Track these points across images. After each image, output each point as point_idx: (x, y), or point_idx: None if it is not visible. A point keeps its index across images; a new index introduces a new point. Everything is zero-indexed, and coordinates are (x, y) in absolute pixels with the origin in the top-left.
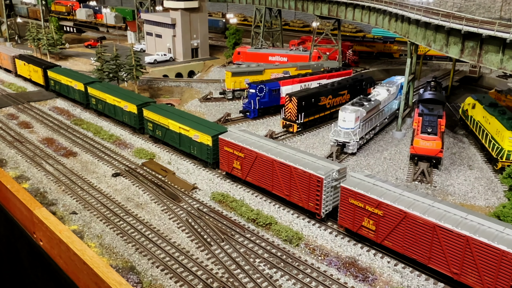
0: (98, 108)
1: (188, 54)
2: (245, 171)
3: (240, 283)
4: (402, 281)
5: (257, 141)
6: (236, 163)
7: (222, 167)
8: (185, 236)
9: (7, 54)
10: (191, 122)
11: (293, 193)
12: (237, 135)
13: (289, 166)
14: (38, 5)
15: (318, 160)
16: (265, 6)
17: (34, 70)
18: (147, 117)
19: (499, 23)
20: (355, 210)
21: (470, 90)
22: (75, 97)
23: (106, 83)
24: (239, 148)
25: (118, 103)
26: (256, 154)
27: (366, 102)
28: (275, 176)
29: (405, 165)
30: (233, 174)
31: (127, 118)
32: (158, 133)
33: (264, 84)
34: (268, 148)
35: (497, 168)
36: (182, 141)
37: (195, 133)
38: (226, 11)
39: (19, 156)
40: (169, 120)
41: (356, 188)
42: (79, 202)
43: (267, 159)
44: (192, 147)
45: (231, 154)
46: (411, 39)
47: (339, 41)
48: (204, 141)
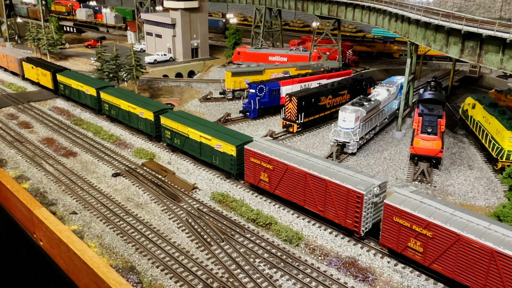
0: (111, 114)
1: (188, 54)
2: (273, 184)
3: (240, 283)
4: (402, 281)
5: (286, 152)
6: (264, 175)
7: (247, 179)
8: (185, 236)
9: (14, 56)
10: (213, 130)
11: (328, 209)
12: (264, 145)
13: (324, 180)
14: (38, 5)
15: (356, 173)
16: (265, 6)
17: (42, 73)
18: (164, 125)
19: (499, 23)
20: (400, 229)
21: (470, 90)
22: (86, 102)
23: (120, 88)
24: (267, 159)
25: (133, 109)
26: (286, 166)
27: (366, 102)
28: (308, 190)
29: (405, 165)
30: (259, 186)
31: (142, 125)
32: (177, 141)
33: (264, 84)
34: (299, 159)
35: (497, 168)
36: (203, 151)
37: (217, 143)
38: (226, 11)
39: (19, 156)
40: (189, 128)
41: (402, 206)
42: (79, 202)
43: (299, 172)
44: (214, 157)
45: (258, 165)
46: (411, 39)
47: (339, 41)
48: (228, 151)
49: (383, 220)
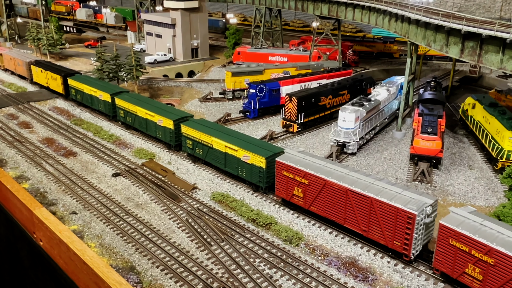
0: (127, 121)
1: (188, 54)
2: (308, 200)
3: (240, 283)
4: (402, 281)
5: (323, 165)
6: (297, 190)
7: (278, 194)
8: (185, 236)
9: (21, 60)
10: (239, 140)
11: (372, 229)
12: (297, 158)
13: (369, 198)
14: (38, 5)
15: (404, 191)
16: (265, 6)
17: (52, 77)
18: (185, 134)
19: (499, 23)
20: (456, 253)
21: (470, 90)
22: (99, 108)
23: (136, 94)
24: (302, 173)
25: (151, 117)
26: (324, 182)
27: (366, 102)
28: (349, 208)
29: (405, 165)
30: (292, 202)
31: (161, 134)
32: (199, 151)
33: (264, 84)
34: (339, 174)
35: (497, 168)
36: (228, 162)
37: (244, 154)
38: (226, 11)
39: (19, 156)
40: (213, 138)
41: (460, 228)
42: (79, 202)
43: (339, 188)
44: (240, 169)
45: (291, 179)
46: (411, 39)
47: (339, 41)
48: (256, 163)
49: (437, 242)
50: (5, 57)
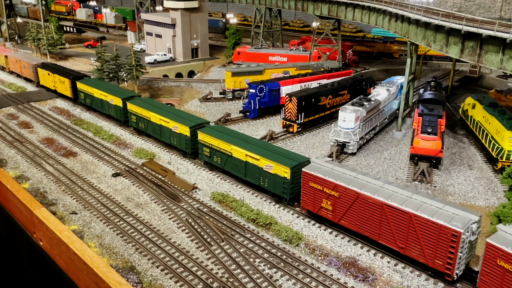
0: (139, 127)
1: (188, 54)
2: (338, 213)
3: (240, 283)
4: (402, 281)
5: (354, 176)
6: (326, 202)
7: (304, 206)
8: (185, 236)
9: (28, 62)
10: (262, 149)
11: (411, 246)
12: (326, 168)
13: (408, 213)
14: (38, 5)
15: (445, 205)
16: (265, 6)
17: (60, 80)
18: (202, 141)
19: (499, 23)
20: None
21: (470, 90)
22: (110, 113)
23: (149, 99)
24: (331, 185)
25: (165, 123)
26: (357, 195)
27: (366, 102)
28: (385, 223)
29: (405, 165)
30: (319, 215)
31: (176, 140)
32: (216, 160)
33: (264, 84)
34: (373, 187)
35: (497, 168)
36: (248, 171)
37: (267, 163)
38: (226, 11)
39: (19, 156)
40: (232, 146)
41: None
42: (79, 202)
43: (373, 201)
44: (262, 179)
45: (319, 191)
46: (411, 39)
47: (339, 41)
48: (280, 173)
49: (483, 262)
50: (10, 60)
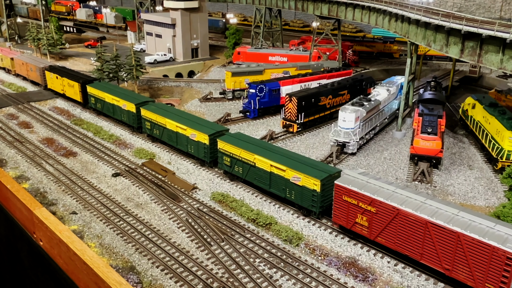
0: (154, 134)
1: (188, 54)
2: (375, 230)
3: (240, 283)
4: (402, 281)
5: (392, 191)
6: (361, 218)
7: (336, 220)
8: (185, 236)
9: (34, 65)
10: (288, 159)
11: (458, 268)
12: (361, 181)
13: (455, 232)
14: (38, 5)
15: (496, 224)
16: (265, 6)
17: (69, 84)
18: (222, 150)
19: (499, 23)
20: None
21: (470, 90)
22: (122, 119)
23: (163, 105)
24: (368, 200)
25: (182, 130)
26: (397, 211)
27: (366, 102)
28: (428, 243)
29: (405, 165)
30: (353, 230)
31: (194, 149)
32: (238, 170)
33: (264, 84)
34: (414, 203)
35: (497, 168)
36: (273, 183)
37: (294, 174)
38: (226, 11)
39: (19, 156)
40: (256, 156)
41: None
42: (79, 202)
43: (416, 219)
44: (289, 191)
45: (354, 206)
46: (411, 39)
47: (339, 41)
48: (309, 185)
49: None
50: (16, 62)
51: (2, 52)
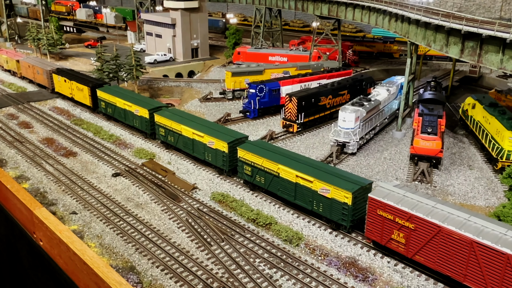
0: (168, 140)
1: (188, 54)
2: (413, 248)
3: (240, 283)
4: (402, 281)
5: (432, 206)
6: (398, 234)
7: (369, 235)
8: (185, 236)
9: (41, 67)
10: (315, 170)
11: None
12: (397, 195)
13: (504, 254)
14: (38, 5)
15: None
16: (265, 6)
17: (78, 88)
18: (243, 159)
19: (499, 23)
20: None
21: (470, 90)
22: (134, 124)
23: (178, 110)
24: (406, 215)
25: (199, 137)
26: (438, 228)
27: (366, 102)
28: (473, 264)
29: (405, 165)
30: (388, 247)
31: (211, 157)
32: (260, 179)
33: (264, 84)
34: (458, 220)
35: (497, 168)
36: (299, 194)
37: (322, 186)
38: (226, 11)
39: (19, 156)
40: (280, 166)
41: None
42: (79, 202)
43: (459, 238)
44: (316, 203)
45: (390, 221)
46: (411, 39)
47: (339, 41)
48: (338, 198)
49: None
50: (22, 64)
51: (8, 54)
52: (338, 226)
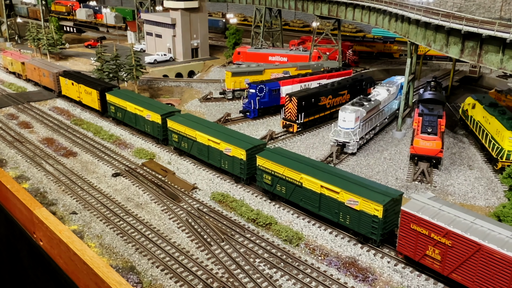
0: (182, 147)
1: (188, 54)
2: (449, 266)
3: (240, 283)
4: (402, 281)
5: (471, 221)
6: (433, 250)
7: (401, 250)
8: (185, 236)
9: (48, 70)
10: (341, 180)
11: None
12: (432, 208)
13: None
14: (38, 5)
15: None
16: (265, 6)
17: (86, 91)
18: (263, 167)
19: (499, 23)
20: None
21: (470, 90)
22: (146, 130)
23: (193, 116)
24: (442, 231)
25: (215, 144)
26: (478, 247)
27: (366, 102)
28: None
29: (405, 165)
30: (422, 263)
31: (228, 164)
32: (280, 189)
33: (264, 84)
34: (500, 238)
35: (497, 168)
36: (324, 205)
37: (350, 197)
38: (226, 11)
39: (19, 156)
40: (303, 175)
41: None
42: (79, 202)
43: (502, 257)
44: (342, 214)
45: (424, 236)
46: (411, 39)
47: (339, 41)
48: (368, 210)
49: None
50: (28, 67)
51: (12, 56)
52: (366, 239)
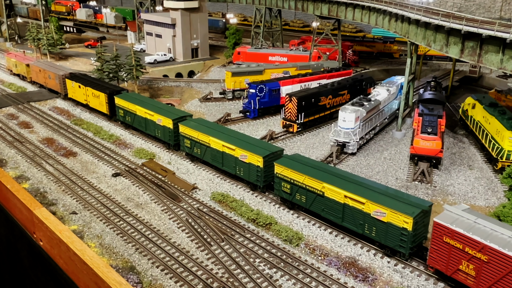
0: (195, 152)
1: (188, 54)
2: (484, 282)
3: (240, 283)
4: (402, 281)
5: (509, 236)
6: (467, 265)
7: (432, 264)
8: (185, 236)
9: (53, 72)
10: (366, 190)
11: None
12: (466, 221)
13: None
14: (38, 5)
15: None
16: (265, 6)
17: (94, 94)
18: (281, 175)
19: (499, 23)
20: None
21: (470, 90)
22: (156, 135)
23: (204, 121)
24: (478, 245)
25: (230, 150)
26: None
27: (366, 102)
28: None
29: (405, 165)
30: (454, 278)
31: (244, 171)
32: (300, 198)
33: (264, 84)
34: None
35: (497, 168)
36: (348, 216)
37: (377, 209)
38: (226, 11)
39: (19, 156)
40: (325, 184)
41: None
42: (79, 202)
43: None
44: (368, 226)
45: (458, 250)
46: (411, 39)
47: (339, 41)
48: (396, 222)
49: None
50: (32, 69)
51: (17, 58)
52: (394, 252)
